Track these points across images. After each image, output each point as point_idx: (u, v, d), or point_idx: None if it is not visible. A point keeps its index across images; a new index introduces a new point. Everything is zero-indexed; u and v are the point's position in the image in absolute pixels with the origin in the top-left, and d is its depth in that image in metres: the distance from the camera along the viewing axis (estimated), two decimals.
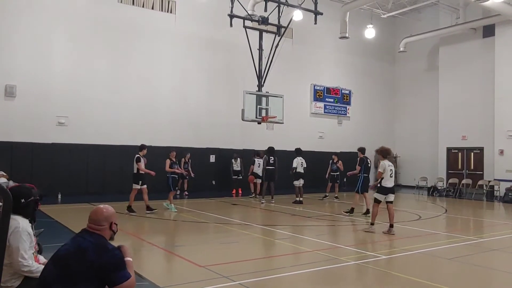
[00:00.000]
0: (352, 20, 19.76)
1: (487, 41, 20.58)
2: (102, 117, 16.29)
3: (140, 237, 8.92)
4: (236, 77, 18.76)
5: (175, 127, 17.76)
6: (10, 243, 3.79)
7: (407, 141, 24.77)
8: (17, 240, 3.83)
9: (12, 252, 3.79)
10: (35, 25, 15.25)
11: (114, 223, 3.37)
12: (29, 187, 4.22)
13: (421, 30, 22.60)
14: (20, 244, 3.83)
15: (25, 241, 3.87)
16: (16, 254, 3.81)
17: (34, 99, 15.12)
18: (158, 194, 13.81)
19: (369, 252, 7.78)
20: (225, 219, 11.85)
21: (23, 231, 3.90)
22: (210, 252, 7.98)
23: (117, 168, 16.25)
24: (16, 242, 3.83)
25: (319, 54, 22.47)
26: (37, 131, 15.05)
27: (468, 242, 9.20)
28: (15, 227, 3.85)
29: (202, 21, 18.56)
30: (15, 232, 3.84)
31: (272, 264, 7.32)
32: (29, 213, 4.11)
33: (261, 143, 17.89)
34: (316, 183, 18.58)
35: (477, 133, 20.71)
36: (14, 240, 3.82)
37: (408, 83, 25.33)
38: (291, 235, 9.78)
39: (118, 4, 16.87)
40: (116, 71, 16.74)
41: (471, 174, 20.94)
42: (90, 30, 16.25)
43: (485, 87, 20.27)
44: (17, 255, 3.81)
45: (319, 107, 22.46)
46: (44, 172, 14.80)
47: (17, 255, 3.81)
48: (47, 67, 15.42)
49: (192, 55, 18.47)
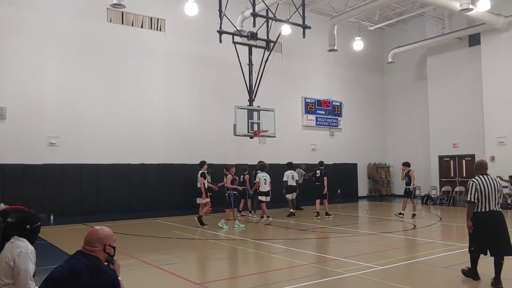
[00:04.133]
0: (340, 32, 20.03)
1: (473, 50, 20.91)
2: (94, 136, 16.23)
3: (133, 255, 8.83)
4: (227, 92, 18.84)
5: (168, 144, 17.73)
6: (17, 265, 3.77)
7: (399, 150, 24.90)
8: (25, 262, 3.82)
9: (19, 274, 3.76)
10: (24, 46, 15.26)
11: (109, 245, 3.31)
12: (36, 213, 4.24)
13: (408, 41, 22.93)
14: (28, 266, 3.83)
15: (32, 264, 3.88)
16: (25, 276, 3.77)
17: (24, 120, 15.05)
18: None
19: (365, 263, 7.75)
20: (220, 235, 11.78)
21: (31, 253, 3.91)
22: (205, 269, 7.91)
23: (110, 187, 16.15)
24: (25, 264, 3.81)
25: (309, 67, 22.67)
26: (28, 152, 14.95)
27: (463, 249, 9.19)
28: (22, 249, 3.86)
29: (191, 38, 18.69)
30: (23, 254, 3.84)
31: (268, 279, 7.27)
32: (34, 239, 4.14)
33: (254, 158, 17.89)
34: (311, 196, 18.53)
35: (468, 140, 20.88)
36: (23, 262, 3.81)
37: (398, 93, 25.58)
38: (286, 248, 9.73)
39: (107, 24, 16.95)
40: (107, 90, 16.74)
41: (463, 182, 21.01)
42: (80, 50, 16.29)
43: (473, 95, 20.52)
44: (26, 277, 3.77)
45: (311, 119, 22.56)
46: (36, 193, 14.65)
47: (25, 277, 3.77)
48: (37, 88, 15.39)
49: (182, 71, 18.55)
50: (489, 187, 6.34)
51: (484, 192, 6.32)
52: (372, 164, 24.97)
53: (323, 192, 14.98)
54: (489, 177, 6.46)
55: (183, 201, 17.36)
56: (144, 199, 16.86)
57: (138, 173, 16.86)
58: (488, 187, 6.34)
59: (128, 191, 16.54)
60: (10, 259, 3.81)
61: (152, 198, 16.99)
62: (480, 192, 6.33)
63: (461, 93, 21.27)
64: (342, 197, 22.58)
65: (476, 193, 6.35)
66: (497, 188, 6.40)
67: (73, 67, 16.13)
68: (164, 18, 18.26)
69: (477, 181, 6.40)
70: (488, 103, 19.60)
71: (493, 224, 6.37)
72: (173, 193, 17.34)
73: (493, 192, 6.34)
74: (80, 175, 15.77)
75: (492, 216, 6.37)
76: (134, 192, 16.64)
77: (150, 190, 17.00)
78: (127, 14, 17.30)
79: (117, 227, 12.11)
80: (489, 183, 6.37)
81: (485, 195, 6.32)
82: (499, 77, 19.20)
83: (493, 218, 6.37)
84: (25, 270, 3.77)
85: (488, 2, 16.61)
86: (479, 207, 6.40)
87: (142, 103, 17.42)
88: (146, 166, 17.11)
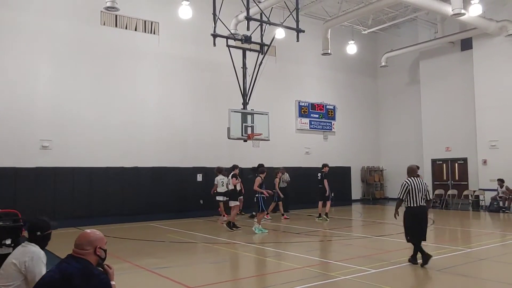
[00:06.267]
0: (334, 36, 20.11)
1: (465, 54, 21.08)
2: (87, 139, 16.14)
3: (126, 259, 8.79)
4: (221, 96, 18.83)
5: (161, 147, 17.67)
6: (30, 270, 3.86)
7: (392, 154, 25.01)
8: (39, 267, 3.92)
9: (35, 277, 3.82)
10: (17, 47, 15.15)
11: (100, 247, 3.27)
12: (47, 221, 4.27)
13: (401, 45, 23.08)
14: (42, 269, 3.91)
15: (45, 268, 3.95)
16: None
17: (16, 123, 14.93)
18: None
19: (359, 267, 7.76)
20: (214, 238, 11.75)
21: (43, 258, 4.02)
22: (199, 273, 7.89)
23: (103, 190, 16.05)
24: (39, 268, 3.91)
25: (303, 71, 22.73)
26: (20, 155, 14.82)
27: (456, 252, 9.26)
28: (34, 255, 3.94)
29: (185, 41, 18.67)
30: (36, 259, 3.94)
31: (261, 283, 7.26)
32: (45, 245, 4.26)
33: (247, 161, 17.88)
34: (304, 199, 18.59)
35: (461, 144, 21.02)
36: (36, 265, 3.90)
37: (391, 97, 25.71)
38: (280, 252, 9.73)
39: (101, 26, 16.89)
40: (100, 93, 16.67)
41: (456, 185, 21.17)
42: (73, 53, 16.20)
43: (466, 99, 20.68)
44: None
45: (305, 123, 22.61)
46: (28, 197, 14.52)
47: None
48: (29, 90, 15.27)
49: (176, 75, 18.52)
50: (417, 187, 7.83)
51: (414, 191, 7.82)
52: (365, 168, 25.04)
53: (325, 194, 15.20)
54: (418, 179, 7.99)
55: (177, 204, 17.30)
56: (137, 202, 16.76)
57: (131, 177, 16.77)
58: (417, 187, 7.83)
59: (121, 195, 16.45)
60: (21, 262, 3.88)
61: (145, 201, 16.90)
62: (410, 191, 7.84)
63: (453, 97, 21.42)
64: (336, 201, 22.60)
65: (406, 192, 7.86)
66: (423, 188, 7.91)
67: (66, 69, 16.05)
68: (158, 21, 18.23)
69: (408, 182, 7.91)
70: (480, 107, 19.75)
71: (420, 216, 7.89)
72: (167, 197, 17.27)
73: (420, 191, 7.83)
74: (73, 179, 15.65)
75: (420, 210, 7.88)
76: (127, 195, 16.54)
77: (143, 193, 16.91)
78: (120, 17, 17.25)
79: (110, 230, 12.05)
80: (417, 184, 7.87)
81: (414, 193, 7.82)
82: (491, 81, 19.36)
83: (420, 211, 7.89)
84: (40, 274, 3.83)
85: (480, 7, 16.77)
86: (411, 203, 7.87)
87: (135, 106, 17.36)
88: (139, 169, 17.03)
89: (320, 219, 15.19)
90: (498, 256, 9.14)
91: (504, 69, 18.92)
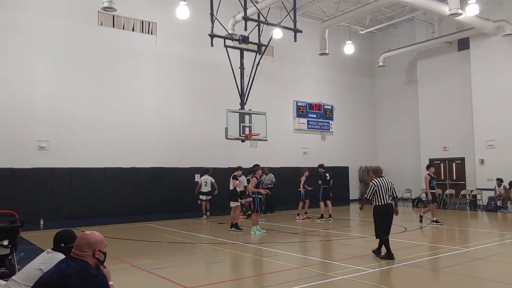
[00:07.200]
0: (331, 36, 20.14)
1: (462, 54, 21.13)
2: (84, 140, 16.12)
3: (124, 260, 8.78)
4: (218, 96, 18.83)
5: (159, 148, 17.66)
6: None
7: (390, 153, 25.05)
8: None
9: None
10: (14, 48, 15.13)
11: (99, 250, 3.26)
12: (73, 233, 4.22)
13: (398, 45, 23.11)
14: None
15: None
16: None
17: (14, 123, 14.91)
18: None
19: (356, 267, 7.77)
20: (212, 238, 11.75)
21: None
22: (197, 273, 7.88)
23: (101, 191, 16.04)
24: None
25: (300, 71, 22.74)
26: (17, 156, 14.80)
27: (453, 252, 9.28)
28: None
29: (183, 42, 18.66)
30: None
31: (259, 283, 7.27)
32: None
33: (245, 161, 17.88)
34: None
35: (458, 143, 21.07)
36: None
37: (388, 97, 25.74)
38: (278, 252, 9.74)
39: (98, 27, 16.88)
40: (97, 93, 16.65)
41: (454, 184, 21.22)
42: (70, 53, 16.18)
43: (463, 99, 20.73)
44: None
45: (302, 123, 22.62)
46: (25, 197, 14.51)
47: None
48: (27, 90, 15.25)
49: (174, 75, 18.51)
50: (384, 186, 8.34)
51: (381, 191, 8.31)
52: (363, 167, 25.07)
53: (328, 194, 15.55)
54: (384, 179, 8.50)
55: (175, 205, 17.29)
56: (136, 203, 16.76)
57: (129, 177, 16.77)
58: (384, 187, 8.34)
59: (119, 195, 16.44)
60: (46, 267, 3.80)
61: (144, 202, 16.90)
62: (377, 191, 8.32)
63: (450, 97, 21.47)
64: (334, 200, 22.58)
65: (373, 192, 8.36)
66: (390, 187, 8.41)
67: (63, 70, 16.03)
68: (155, 21, 18.22)
69: (375, 183, 8.39)
70: (477, 107, 19.80)
71: (387, 213, 8.39)
72: (165, 197, 17.27)
73: (386, 190, 8.34)
74: (71, 179, 15.64)
75: (387, 207, 8.38)
76: (125, 196, 16.54)
77: (141, 194, 16.91)
78: (118, 17, 17.24)
79: (108, 231, 12.03)
80: (384, 183, 8.38)
81: (381, 192, 8.31)
82: (488, 80, 19.42)
83: (387, 208, 8.39)
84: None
85: (477, 7, 16.83)
86: (379, 202, 8.35)
87: (133, 107, 17.35)
88: (137, 169, 17.03)
89: (323, 220, 15.08)
90: (495, 255, 9.16)
91: (501, 69, 18.98)
